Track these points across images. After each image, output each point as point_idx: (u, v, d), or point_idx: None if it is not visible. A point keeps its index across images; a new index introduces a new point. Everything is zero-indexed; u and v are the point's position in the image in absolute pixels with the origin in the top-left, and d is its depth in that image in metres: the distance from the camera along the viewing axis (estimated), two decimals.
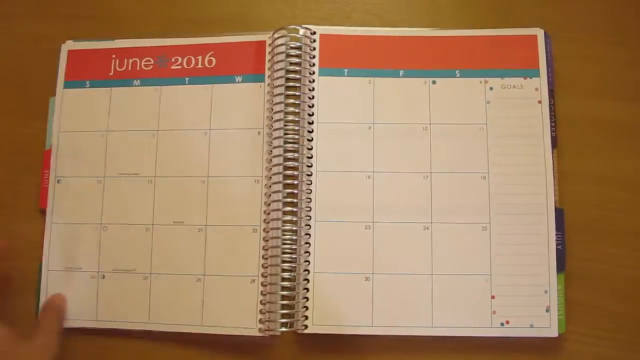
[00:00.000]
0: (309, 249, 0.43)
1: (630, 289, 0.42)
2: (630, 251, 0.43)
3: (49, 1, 0.50)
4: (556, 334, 0.41)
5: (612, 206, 0.43)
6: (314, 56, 0.45)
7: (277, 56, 0.45)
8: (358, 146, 0.44)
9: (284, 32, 0.45)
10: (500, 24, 0.46)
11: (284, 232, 0.42)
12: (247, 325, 0.42)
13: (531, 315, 0.41)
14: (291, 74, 0.44)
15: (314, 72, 0.45)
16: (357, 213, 0.43)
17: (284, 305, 0.42)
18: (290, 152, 0.43)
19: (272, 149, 0.44)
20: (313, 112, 0.44)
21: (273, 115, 0.44)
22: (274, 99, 0.44)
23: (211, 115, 0.45)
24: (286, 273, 0.42)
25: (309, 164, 0.44)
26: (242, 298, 0.42)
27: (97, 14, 0.50)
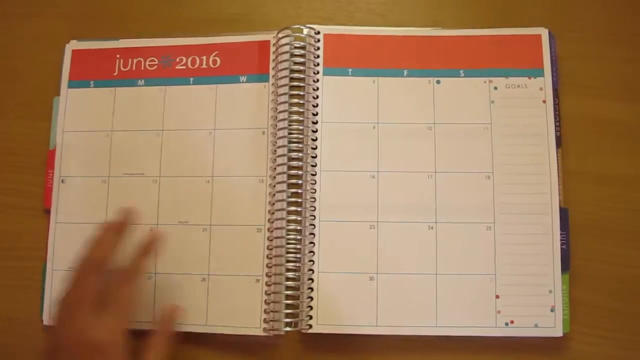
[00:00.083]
0: (313, 248, 0.43)
1: (635, 289, 0.42)
2: (635, 251, 0.43)
3: (52, 1, 0.50)
4: (561, 334, 0.41)
5: (616, 206, 0.43)
6: (318, 56, 0.45)
7: (281, 56, 0.45)
8: (362, 146, 0.44)
9: (288, 31, 0.45)
10: (504, 23, 0.46)
11: (288, 232, 0.42)
12: (252, 324, 0.42)
13: (536, 314, 0.41)
14: (295, 73, 0.44)
15: (318, 71, 0.45)
16: (361, 213, 0.43)
17: (288, 305, 0.42)
18: (295, 152, 0.43)
19: (276, 149, 0.44)
20: (317, 111, 0.44)
21: (277, 115, 0.44)
22: (278, 99, 0.44)
23: (216, 115, 0.45)
24: (290, 273, 0.42)
25: (313, 163, 0.44)
26: (246, 298, 0.42)
27: (101, 13, 0.50)
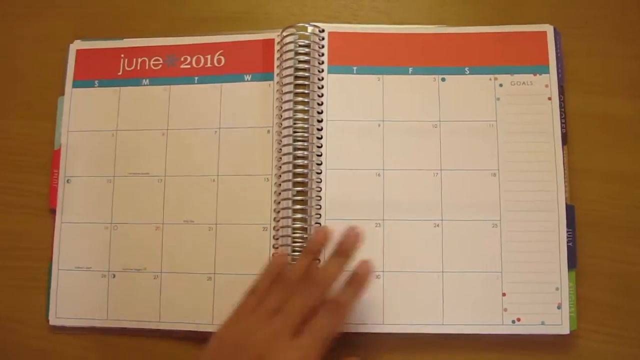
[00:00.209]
0: None
1: None
2: None
3: (53, 1, 0.50)
4: (568, 331, 0.41)
5: (622, 203, 0.43)
6: (322, 54, 0.45)
7: (285, 54, 0.45)
8: (367, 144, 0.44)
9: (292, 30, 0.45)
10: (509, 20, 0.46)
11: (294, 230, 0.42)
12: None
13: (542, 312, 0.41)
14: (300, 71, 0.44)
15: (322, 69, 0.45)
16: (367, 211, 0.43)
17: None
18: (300, 150, 0.43)
19: (281, 147, 0.44)
20: (322, 109, 0.44)
21: (282, 114, 0.44)
22: (283, 97, 0.44)
23: (221, 114, 0.45)
24: None
25: (318, 161, 0.44)
26: None
27: (104, 12, 0.50)
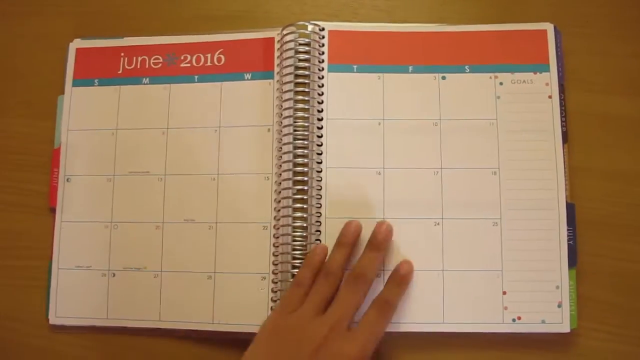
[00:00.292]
0: None
1: None
2: None
3: None
4: (568, 330, 0.41)
5: (623, 201, 0.43)
6: (323, 52, 0.45)
7: (286, 53, 0.45)
8: (368, 142, 0.44)
9: (292, 28, 0.45)
10: (509, 19, 0.46)
11: (294, 229, 0.42)
12: (259, 322, 0.42)
13: (543, 310, 0.41)
14: (300, 70, 0.44)
15: (323, 68, 0.45)
16: (367, 210, 0.43)
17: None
18: (300, 149, 0.43)
19: (281, 146, 0.44)
20: (322, 108, 0.44)
21: (282, 112, 0.44)
22: (283, 96, 0.44)
23: (221, 113, 0.45)
24: (297, 270, 0.42)
25: (318, 160, 0.43)
26: (253, 295, 0.42)
27: (105, 11, 0.50)
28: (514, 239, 0.42)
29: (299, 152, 0.43)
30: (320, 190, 0.43)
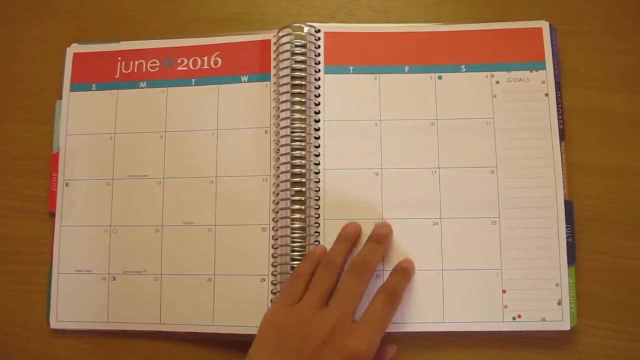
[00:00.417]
0: None
1: None
2: None
3: (50, 4, 0.51)
4: (568, 327, 0.41)
5: (621, 198, 0.43)
6: (319, 54, 0.45)
7: (282, 55, 0.45)
8: (365, 143, 0.44)
9: (288, 30, 0.45)
10: (504, 17, 0.46)
11: (293, 231, 0.42)
12: (259, 324, 0.42)
13: (543, 308, 0.41)
14: (297, 72, 0.44)
15: (319, 70, 0.45)
16: (365, 210, 0.43)
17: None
18: (298, 151, 0.43)
19: (279, 148, 0.44)
20: (319, 110, 0.44)
21: (280, 114, 0.44)
22: (280, 98, 0.44)
23: (218, 116, 0.45)
24: None
25: (316, 162, 0.44)
26: (252, 297, 0.43)
27: (101, 16, 0.50)
28: (512, 237, 0.42)
29: (297, 153, 0.43)
30: (319, 191, 0.43)
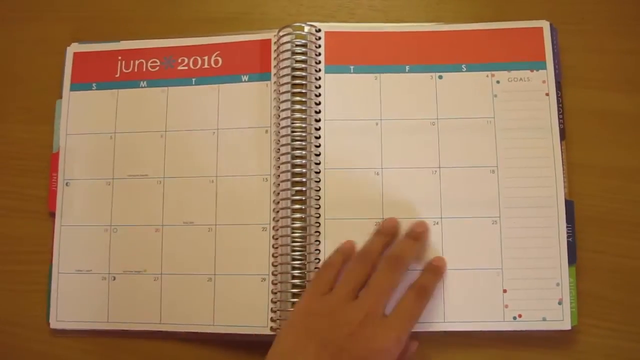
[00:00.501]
0: (319, 246, 0.42)
1: None
2: None
3: (51, 4, 0.51)
4: (569, 327, 0.41)
5: (621, 197, 0.43)
6: (319, 53, 0.45)
7: (282, 54, 0.45)
8: (366, 143, 0.44)
9: (289, 29, 0.45)
10: (505, 17, 0.46)
11: (293, 230, 0.42)
12: (259, 323, 0.42)
13: (543, 308, 0.41)
14: (297, 71, 0.44)
15: (320, 69, 0.45)
16: (366, 210, 0.43)
17: (295, 303, 0.41)
18: (298, 150, 0.43)
19: (279, 147, 0.44)
20: (320, 109, 0.44)
21: (280, 114, 0.44)
22: (280, 97, 0.44)
23: (218, 115, 0.45)
24: (297, 271, 0.42)
25: (316, 161, 0.44)
26: (253, 297, 0.42)
27: (101, 16, 0.50)
28: (513, 237, 0.42)
29: (297, 153, 0.43)
30: (319, 191, 0.43)
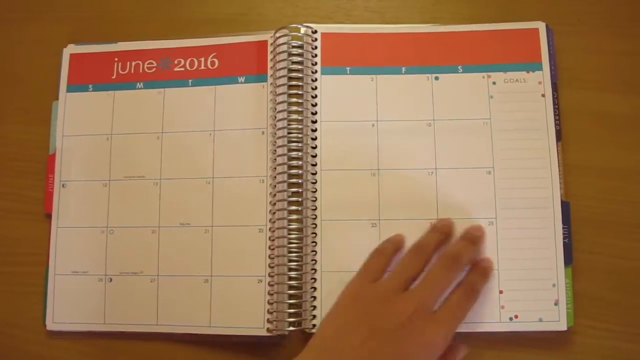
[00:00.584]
0: (315, 248, 0.43)
1: (638, 281, 0.42)
2: (637, 243, 0.42)
3: (49, 5, 0.51)
4: (565, 328, 0.41)
5: (618, 198, 0.43)
6: (316, 55, 0.45)
7: (279, 55, 0.45)
8: (362, 144, 0.44)
9: (285, 31, 0.45)
10: (501, 18, 0.46)
11: (290, 232, 0.42)
12: (255, 325, 0.42)
13: (540, 309, 0.41)
14: (294, 73, 0.44)
15: (316, 70, 0.45)
16: (363, 211, 0.43)
17: (291, 305, 0.41)
18: (295, 152, 0.43)
19: (276, 149, 0.44)
20: (316, 110, 0.44)
21: (276, 115, 0.44)
22: (277, 99, 0.44)
23: (215, 117, 0.45)
24: (293, 272, 0.42)
25: (313, 162, 0.44)
26: (249, 298, 0.42)
27: (98, 17, 0.50)
28: (509, 238, 0.42)
29: (294, 154, 0.43)
30: (316, 192, 0.43)
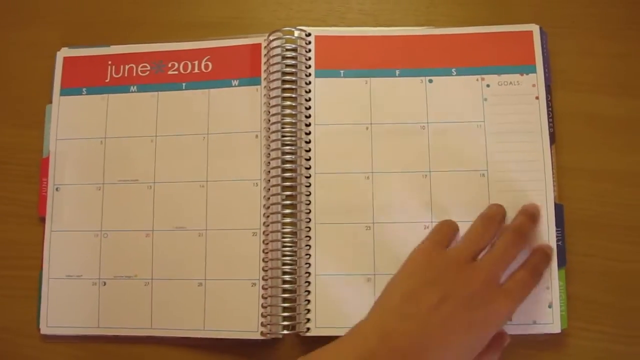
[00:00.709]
0: (309, 251, 0.43)
1: (631, 283, 0.42)
2: (630, 245, 0.43)
3: (43, 8, 0.50)
4: (559, 330, 0.41)
5: (611, 201, 0.43)
6: (309, 58, 0.45)
7: (272, 59, 0.45)
8: (356, 147, 0.44)
9: (279, 34, 0.45)
10: (495, 20, 0.46)
11: (284, 235, 0.42)
12: (249, 328, 0.42)
13: (533, 311, 0.41)
14: (287, 76, 0.44)
15: (310, 73, 0.45)
16: (357, 214, 0.43)
17: (285, 308, 0.41)
18: (289, 155, 0.43)
19: (270, 152, 0.44)
20: (310, 114, 0.44)
21: (270, 118, 0.44)
22: (270, 102, 0.44)
23: (209, 120, 0.45)
24: (287, 276, 0.42)
25: (307, 166, 0.44)
26: (243, 301, 0.42)
27: (92, 20, 0.50)
28: None
29: (288, 157, 0.43)
30: (309, 195, 0.43)
